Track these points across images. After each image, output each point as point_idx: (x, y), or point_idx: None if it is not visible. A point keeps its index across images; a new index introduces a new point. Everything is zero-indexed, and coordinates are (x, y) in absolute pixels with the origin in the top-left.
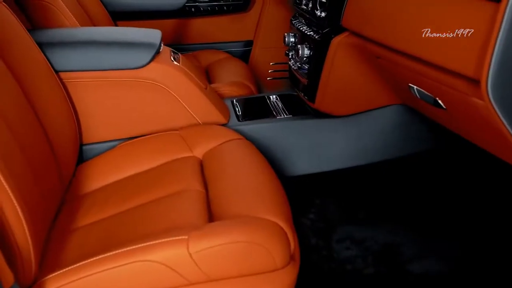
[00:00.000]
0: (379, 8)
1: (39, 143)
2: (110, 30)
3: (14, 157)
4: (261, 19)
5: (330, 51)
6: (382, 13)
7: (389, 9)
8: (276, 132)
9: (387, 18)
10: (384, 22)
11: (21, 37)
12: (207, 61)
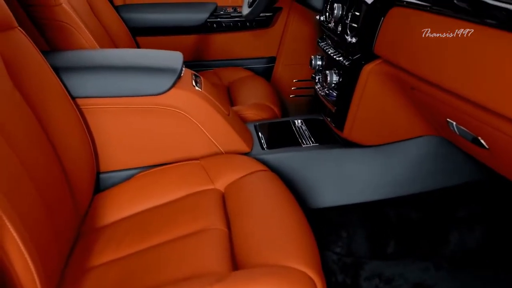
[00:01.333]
0: (415, 37)
1: (53, 173)
2: (129, 53)
3: (23, 191)
4: (285, 35)
5: (361, 79)
6: (418, 43)
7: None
8: (301, 162)
9: (423, 48)
10: (420, 52)
11: (37, 63)
12: (228, 79)
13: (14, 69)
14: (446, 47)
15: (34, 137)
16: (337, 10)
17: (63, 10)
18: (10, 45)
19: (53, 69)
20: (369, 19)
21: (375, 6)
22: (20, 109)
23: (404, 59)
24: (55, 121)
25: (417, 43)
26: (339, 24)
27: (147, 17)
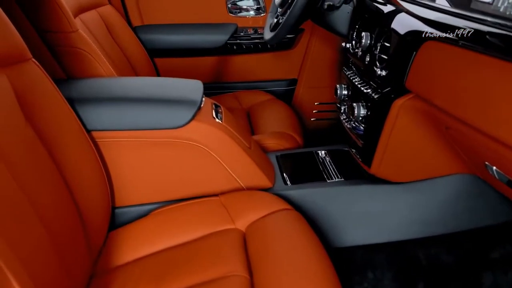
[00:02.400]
0: (453, 75)
1: (65, 210)
2: (147, 82)
3: (29, 233)
4: (306, 57)
5: (391, 114)
6: (456, 82)
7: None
8: (326, 198)
9: (462, 88)
10: (458, 92)
11: (50, 95)
12: (248, 103)
13: (26, 102)
14: (490, 88)
15: (45, 173)
16: (365, 39)
17: (80, 37)
18: (23, 78)
19: (68, 100)
20: (401, 52)
21: (406, 38)
22: (32, 144)
23: (440, 97)
24: (69, 156)
25: (455, 81)
26: (367, 54)
27: (165, 38)
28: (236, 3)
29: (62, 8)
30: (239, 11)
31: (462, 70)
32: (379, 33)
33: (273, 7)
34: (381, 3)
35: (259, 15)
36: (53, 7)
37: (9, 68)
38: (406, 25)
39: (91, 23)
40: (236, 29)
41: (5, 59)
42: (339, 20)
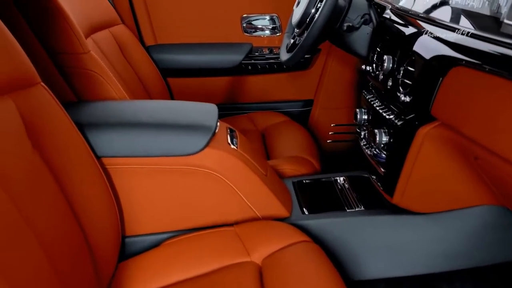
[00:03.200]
0: (483, 103)
1: (72, 240)
2: (160, 106)
3: (31, 265)
4: (323, 77)
5: (415, 142)
6: (487, 111)
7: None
8: (346, 229)
9: (493, 118)
10: (489, 121)
11: (59, 121)
12: (263, 124)
13: (34, 128)
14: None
15: (51, 201)
16: (387, 63)
17: (91, 58)
18: (31, 103)
19: (77, 125)
20: (426, 77)
21: (431, 63)
22: (38, 172)
23: (469, 126)
24: (77, 183)
25: (485, 109)
26: (389, 78)
27: (179, 58)
28: (251, 22)
29: (74, 29)
30: (254, 30)
31: (493, 97)
32: (402, 56)
33: (290, 27)
34: (402, 24)
35: (275, 34)
36: (64, 28)
37: (17, 93)
38: (431, 49)
39: (103, 43)
40: (251, 49)
41: (13, 84)
42: (358, 41)
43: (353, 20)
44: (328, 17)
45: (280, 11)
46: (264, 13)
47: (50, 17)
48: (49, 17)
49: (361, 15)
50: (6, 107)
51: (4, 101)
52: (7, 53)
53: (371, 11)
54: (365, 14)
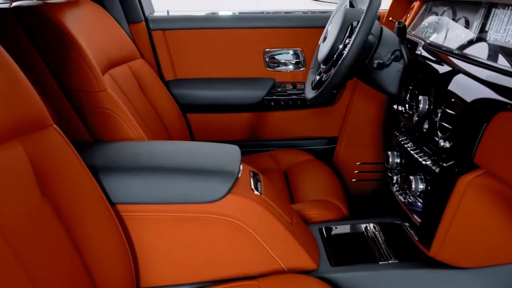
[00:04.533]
0: None
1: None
2: (179, 148)
3: None
4: (348, 114)
5: (456, 192)
6: None
7: None
8: (378, 283)
9: None
10: None
11: (72, 166)
12: (286, 163)
13: (44, 175)
14: None
15: (60, 254)
16: (423, 104)
17: (108, 96)
18: (42, 147)
19: (91, 169)
20: (468, 122)
21: (474, 107)
22: (47, 222)
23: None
24: (89, 232)
25: None
26: (426, 121)
27: (199, 93)
28: (274, 56)
29: (90, 65)
30: (277, 65)
31: None
32: (439, 97)
33: (315, 63)
34: (435, 61)
35: (299, 69)
36: (81, 65)
37: (27, 137)
38: (471, 90)
39: (121, 78)
40: (273, 84)
41: (23, 127)
42: (388, 78)
43: (383, 56)
44: (357, 53)
45: (304, 45)
46: (287, 47)
47: (66, 53)
48: (65, 53)
49: (392, 51)
50: (15, 153)
51: (13, 147)
52: (18, 94)
53: (402, 47)
54: (396, 50)
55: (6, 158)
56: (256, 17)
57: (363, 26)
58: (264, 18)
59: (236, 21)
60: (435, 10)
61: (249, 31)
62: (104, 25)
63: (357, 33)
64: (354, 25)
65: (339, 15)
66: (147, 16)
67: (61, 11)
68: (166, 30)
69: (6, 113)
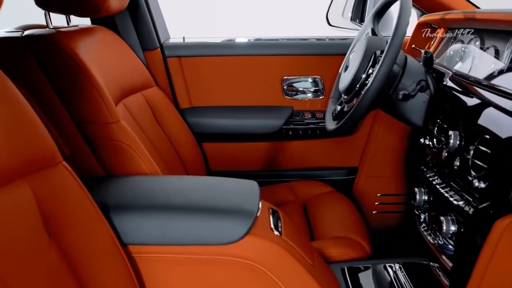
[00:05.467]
0: None
1: None
2: (194, 184)
3: None
4: (368, 144)
5: (492, 235)
6: None
7: None
8: None
9: None
10: None
11: (81, 205)
12: (305, 195)
13: (51, 215)
14: None
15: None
16: (454, 140)
17: (121, 128)
18: (50, 186)
19: (102, 207)
20: (505, 160)
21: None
22: (53, 266)
23: None
24: (99, 275)
25: None
26: (457, 157)
27: (215, 122)
28: (293, 84)
29: (103, 96)
30: (296, 93)
31: None
32: (470, 132)
33: (336, 92)
34: (462, 92)
35: (317, 97)
36: (93, 96)
37: (34, 176)
38: (505, 126)
39: (134, 107)
40: (292, 113)
41: (30, 166)
42: (413, 110)
43: (407, 86)
44: (382, 84)
45: (324, 73)
46: (306, 75)
47: (78, 83)
48: (77, 84)
49: (417, 81)
50: (21, 194)
51: (19, 187)
52: (26, 131)
53: (429, 77)
54: (421, 81)
55: (11, 200)
56: (273, 44)
57: (388, 56)
58: (281, 45)
59: (253, 48)
60: (461, 38)
61: (267, 58)
62: (119, 52)
63: (381, 63)
64: (378, 54)
65: (362, 44)
66: (162, 42)
67: (73, 40)
68: (181, 57)
69: (13, 151)
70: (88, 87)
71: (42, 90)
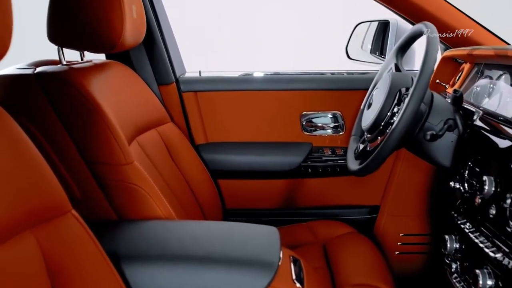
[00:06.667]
0: None
1: None
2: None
3: None
4: (390, 181)
5: None
6: None
7: None
8: None
9: None
10: None
11: (90, 257)
12: (325, 236)
13: (58, 268)
14: None
15: None
16: (488, 186)
17: (135, 170)
18: (57, 237)
19: (112, 256)
20: None
21: None
22: None
23: None
24: None
25: None
26: (492, 205)
27: (231, 158)
28: (312, 120)
29: (116, 136)
30: (315, 129)
31: None
32: (506, 178)
33: (358, 129)
34: (494, 132)
35: (337, 133)
36: (106, 136)
37: (40, 227)
38: None
39: (149, 144)
40: (311, 149)
41: (38, 217)
42: (441, 150)
43: (434, 126)
44: (408, 124)
45: (344, 108)
46: (325, 110)
47: (90, 122)
48: (89, 123)
49: (444, 120)
50: (26, 247)
51: (24, 239)
52: (34, 180)
53: (457, 115)
54: (449, 119)
55: (15, 253)
56: (291, 79)
57: (415, 95)
58: (300, 79)
59: (271, 82)
60: (488, 74)
61: (285, 93)
62: (133, 88)
63: (408, 102)
64: (403, 92)
65: (385, 80)
66: (178, 77)
67: (86, 77)
68: (197, 92)
69: (19, 200)
70: (101, 126)
71: (53, 129)
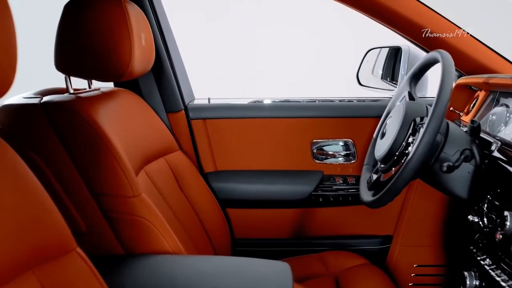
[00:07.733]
0: None
1: None
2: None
3: None
4: (404, 211)
5: None
6: None
7: None
8: None
9: None
10: None
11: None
12: (336, 268)
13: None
14: None
15: None
16: (510, 222)
17: (142, 202)
18: (61, 278)
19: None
20: None
21: None
22: None
23: None
24: None
25: None
26: None
27: (240, 187)
28: (323, 148)
29: (124, 168)
30: (326, 157)
31: None
32: None
33: (371, 159)
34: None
35: (349, 162)
36: (113, 167)
37: (43, 267)
38: None
39: (157, 174)
40: (322, 178)
41: (39, 256)
42: (457, 181)
43: (450, 156)
44: (424, 155)
45: (355, 136)
46: (336, 138)
47: (97, 153)
48: (96, 154)
49: (461, 150)
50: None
51: (26, 281)
52: (35, 216)
53: (473, 146)
54: (466, 150)
55: None
56: (302, 106)
57: (431, 125)
58: (310, 107)
59: (281, 110)
60: (504, 102)
61: (295, 120)
62: (142, 116)
63: (424, 132)
64: (418, 122)
65: (399, 109)
66: (187, 104)
67: (94, 106)
68: (206, 119)
69: (20, 240)
70: (108, 157)
71: (59, 160)
